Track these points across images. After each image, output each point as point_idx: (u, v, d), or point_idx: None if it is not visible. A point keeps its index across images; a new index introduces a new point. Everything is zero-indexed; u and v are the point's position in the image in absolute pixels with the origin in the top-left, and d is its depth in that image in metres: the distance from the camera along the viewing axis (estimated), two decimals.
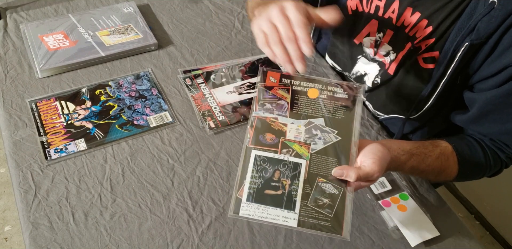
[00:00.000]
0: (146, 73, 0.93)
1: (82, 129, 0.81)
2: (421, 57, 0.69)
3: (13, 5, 1.07)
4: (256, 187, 0.58)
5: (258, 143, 0.59)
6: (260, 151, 0.59)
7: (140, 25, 1.01)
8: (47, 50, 0.93)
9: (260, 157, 0.59)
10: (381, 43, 0.76)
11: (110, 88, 0.89)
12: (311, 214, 0.56)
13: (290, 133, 0.60)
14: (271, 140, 0.60)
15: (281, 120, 0.61)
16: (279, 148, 0.59)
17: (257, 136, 0.60)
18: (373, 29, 0.76)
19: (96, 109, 0.85)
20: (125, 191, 0.73)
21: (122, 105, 0.86)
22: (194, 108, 0.86)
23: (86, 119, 0.83)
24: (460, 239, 0.70)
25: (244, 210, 0.57)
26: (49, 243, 0.66)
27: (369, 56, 0.81)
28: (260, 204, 0.57)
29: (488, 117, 0.66)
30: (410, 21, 0.68)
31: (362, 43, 0.80)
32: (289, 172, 0.58)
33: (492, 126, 0.67)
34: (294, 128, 0.60)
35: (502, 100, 0.62)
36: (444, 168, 0.68)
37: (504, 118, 0.64)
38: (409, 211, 0.71)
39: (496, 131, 0.67)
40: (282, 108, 0.61)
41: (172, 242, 0.67)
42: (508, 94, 0.61)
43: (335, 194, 0.56)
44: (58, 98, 0.86)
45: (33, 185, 0.73)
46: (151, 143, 0.80)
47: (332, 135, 0.59)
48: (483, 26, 0.58)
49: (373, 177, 0.55)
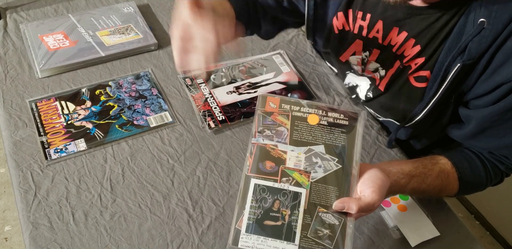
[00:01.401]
0: (146, 73, 0.93)
1: (82, 129, 0.81)
2: (412, 76, 0.69)
3: (13, 5, 1.07)
4: (255, 218, 0.56)
5: (258, 171, 0.57)
6: (259, 179, 0.57)
7: (140, 25, 1.01)
8: (47, 50, 0.93)
9: (260, 186, 0.57)
10: (368, 61, 0.76)
11: (110, 88, 0.89)
12: (311, 246, 0.55)
13: (290, 161, 0.58)
14: (270, 168, 0.58)
15: (280, 148, 0.59)
16: (278, 177, 0.57)
17: (256, 163, 0.58)
18: (358, 49, 0.76)
19: (96, 110, 0.85)
20: (125, 191, 0.73)
21: (122, 106, 0.86)
22: (194, 108, 0.86)
23: (86, 120, 0.83)
24: (460, 239, 0.70)
25: (243, 241, 0.56)
26: (49, 243, 0.66)
27: (357, 73, 0.81)
28: (259, 235, 0.56)
29: (485, 133, 0.65)
30: (397, 40, 0.68)
31: (349, 61, 0.80)
32: (289, 202, 0.56)
33: (490, 141, 0.66)
34: (294, 155, 0.59)
35: (498, 117, 0.62)
36: (445, 185, 0.67)
37: (502, 133, 0.64)
38: (409, 211, 0.71)
39: (494, 145, 0.67)
40: (282, 135, 0.60)
41: (172, 242, 0.67)
42: (504, 111, 0.61)
43: (336, 224, 0.55)
44: (58, 98, 0.86)
45: (33, 185, 0.73)
46: (151, 143, 0.80)
47: (333, 163, 0.58)
48: (474, 47, 0.58)
49: (374, 206, 0.55)
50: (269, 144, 0.60)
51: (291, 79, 0.93)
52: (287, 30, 1.04)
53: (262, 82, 0.92)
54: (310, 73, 0.95)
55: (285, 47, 1.01)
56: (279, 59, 0.97)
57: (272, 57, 0.97)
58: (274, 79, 0.92)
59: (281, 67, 0.95)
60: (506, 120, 0.62)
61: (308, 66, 0.96)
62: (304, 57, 0.98)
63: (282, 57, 0.97)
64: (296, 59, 0.98)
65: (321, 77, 0.94)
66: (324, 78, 0.94)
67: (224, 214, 0.71)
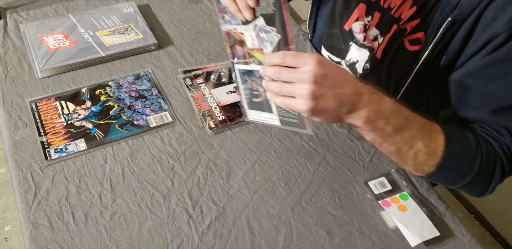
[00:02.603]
0: (146, 73, 0.93)
1: (82, 129, 0.81)
2: (407, 39, 0.69)
3: (13, 5, 1.07)
4: (249, 97, 0.67)
5: (236, 57, 0.64)
6: (239, 64, 0.64)
7: (140, 25, 1.01)
8: (47, 50, 0.93)
9: (240, 70, 0.65)
10: (369, 27, 0.76)
11: (110, 88, 0.89)
12: (285, 114, 0.63)
13: (248, 41, 0.62)
14: (241, 52, 0.63)
15: (239, 30, 0.63)
16: (247, 58, 0.62)
17: (232, 50, 0.64)
18: (361, 13, 0.76)
19: (96, 110, 0.85)
20: (125, 191, 0.73)
21: (122, 105, 0.86)
22: (194, 108, 0.86)
23: (86, 120, 0.83)
24: (460, 239, 0.70)
25: (249, 115, 0.70)
26: (49, 243, 0.66)
27: (359, 42, 0.81)
28: (255, 110, 0.68)
29: (470, 94, 0.62)
30: (396, 3, 0.68)
31: (352, 29, 0.80)
32: (260, 80, 0.62)
33: (477, 107, 0.62)
34: (248, 35, 0.61)
35: (483, 72, 0.60)
36: (427, 137, 0.60)
37: (488, 94, 0.60)
38: (409, 211, 0.71)
39: (481, 113, 0.62)
40: (235, 17, 0.62)
41: (172, 242, 0.67)
42: (490, 65, 0.59)
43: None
44: (58, 98, 0.86)
45: (33, 185, 0.73)
46: (151, 143, 0.80)
47: (273, 34, 0.59)
48: (466, 3, 0.58)
49: (304, 63, 0.52)
50: (231, 29, 0.64)
51: None
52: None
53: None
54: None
55: None
56: None
57: None
58: None
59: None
60: (492, 80, 0.59)
61: None
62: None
63: None
64: None
65: None
66: None
67: (224, 214, 0.71)
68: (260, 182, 0.75)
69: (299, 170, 0.77)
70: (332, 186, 0.75)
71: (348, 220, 0.71)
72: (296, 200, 0.73)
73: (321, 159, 0.79)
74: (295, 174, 0.77)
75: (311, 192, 0.74)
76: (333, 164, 0.78)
